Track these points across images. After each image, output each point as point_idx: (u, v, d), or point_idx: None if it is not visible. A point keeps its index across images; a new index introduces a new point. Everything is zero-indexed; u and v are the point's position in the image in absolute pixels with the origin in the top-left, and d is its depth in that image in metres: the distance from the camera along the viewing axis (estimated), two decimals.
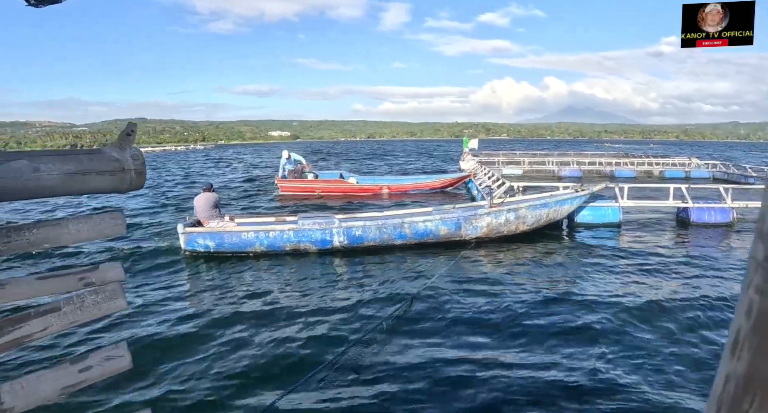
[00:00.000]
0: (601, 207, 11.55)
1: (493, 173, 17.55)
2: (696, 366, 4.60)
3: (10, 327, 1.39)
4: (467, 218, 9.53)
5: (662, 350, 4.93)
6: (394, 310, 5.83)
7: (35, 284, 1.48)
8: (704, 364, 4.62)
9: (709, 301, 6.36)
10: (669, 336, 5.26)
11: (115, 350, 1.60)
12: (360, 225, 9.14)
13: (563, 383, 4.29)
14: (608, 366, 4.59)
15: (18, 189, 1.42)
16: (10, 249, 1.43)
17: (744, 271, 0.40)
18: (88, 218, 1.58)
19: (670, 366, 4.59)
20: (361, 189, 17.96)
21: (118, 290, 1.60)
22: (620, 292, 6.68)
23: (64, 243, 1.54)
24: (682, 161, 28.74)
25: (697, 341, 5.14)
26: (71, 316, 1.50)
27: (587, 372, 4.46)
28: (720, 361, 0.42)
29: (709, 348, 4.95)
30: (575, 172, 25.40)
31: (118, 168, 1.63)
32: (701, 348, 4.97)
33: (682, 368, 4.56)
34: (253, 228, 8.93)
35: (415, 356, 4.75)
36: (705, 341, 5.13)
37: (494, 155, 33.12)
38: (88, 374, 1.53)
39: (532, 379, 4.35)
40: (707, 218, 11.57)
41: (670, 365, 4.60)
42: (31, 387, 1.42)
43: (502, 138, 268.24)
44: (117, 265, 1.63)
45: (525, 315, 5.80)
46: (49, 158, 1.51)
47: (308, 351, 4.88)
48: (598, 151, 39.91)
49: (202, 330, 5.52)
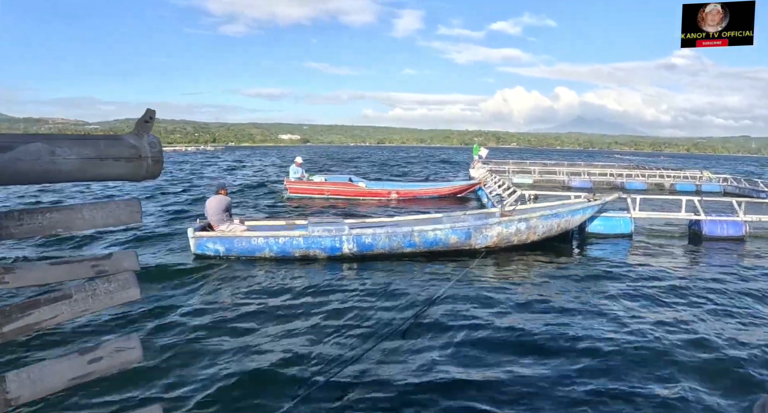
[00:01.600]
0: (613, 217, 11.44)
1: (504, 181, 17.46)
2: (712, 378, 4.50)
3: (19, 314, 1.34)
4: (477, 227, 9.45)
5: (674, 363, 4.83)
6: (401, 322, 5.75)
7: (47, 269, 1.43)
8: (721, 376, 4.53)
9: (725, 313, 6.28)
10: (679, 348, 5.15)
11: (127, 341, 1.55)
12: (370, 232, 9.08)
13: (569, 399, 4.21)
14: (616, 380, 4.51)
15: (34, 172, 1.38)
16: (22, 233, 1.39)
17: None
18: (103, 204, 1.53)
19: (685, 377, 4.50)
20: (369, 193, 17.90)
21: (131, 279, 1.55)
22: (632, 306, 6.58)
23: (77, 229, 1.50)
24: (693, 174, 28.55)
25: (707, 353, 5.04)
26: (82, 304, 1.45)
27: (593, 388, 4.38)
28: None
29: (721, 357, 4.86)
30: (586, 183, 25.26)
31: (135, 154, 1.59)
32: (713, 358, 4.88)
33: (693, 381, 4.46)
34: (263, 234, 8.90)
35: (421, 369, 4.65)
36: (718, 351, 5.03)
37: (504, 164, 33.04)
38: (97, 365, 1.48)
39: (545, 395, 4.27)
40: (719, 231, 11.42)
41: (685, 376, 4.51)
42: (38, 376, 1.37)
43: (512, 147, 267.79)
44: (132, 254, 1.58)
45: (535, 330, 5.67)
46: (66, 142, 1.47)
47: (315, 360, 4.79)
48: (608, 162, 39.70)
49: (208, 333, 5.46)
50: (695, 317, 6.16)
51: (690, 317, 6.15)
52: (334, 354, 4.88)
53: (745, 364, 4.83)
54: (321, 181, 18.33)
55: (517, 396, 4.17)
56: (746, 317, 6.22)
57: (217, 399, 4.05)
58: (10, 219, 1.38)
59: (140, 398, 4.04)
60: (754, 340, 5.44)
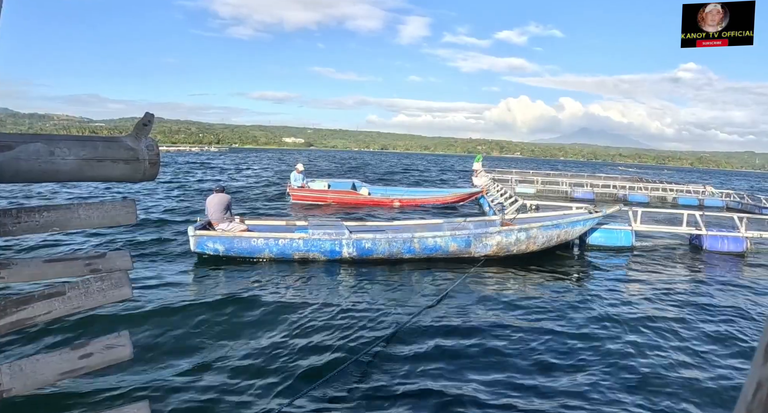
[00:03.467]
0: (614, 230, 11.44)
1: (506, 190, 17.47)
2: (709, 391, 4.51)
3: (13, 308, 1.38)
4: (477, 236, 9.46)
5: (668, 374, 4.84)
6: (396, 328, 5.75)
7: (42, 266, 1.47)
8: (719, 389, 4.54)
9: (721, 326, 6.30)
10: (675, 359, 5.16)
11: (117, 339, 1.59)
12: (370, 237, 9.10)
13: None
14: (614, 393, 4.52)
15: (33, 171, 1.42)
16: (19, 230, 1.43)
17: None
18: (99, 204, 1.57)
19: (681, 388, 4.51)
20: (372, 201, 17.96)
21: (124, 279, 1.59)
22: (630, 319, 6.58)
23: (73, 228, 1.54)
24: (696, 188, 28.54)
25: (705, 364, 5.05)
26: (75, 301, 1.49)
27: (592, 401, 4.39)
28: (750, 368, 0.40)
29: (719, 371, 4.87)
30: (588, 194, 25.28)
31: (132, 157, 1.63)
32: (710, 370, 4.88)
33: (692, 394, 4.47)
34: (263, 235, 8.94)
35: (415, 376, 4.67)
36: (713, 364, 5.04)
37: (507, 173, 33.08)
38: (88, 361, 1.51)
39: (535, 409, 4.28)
40: (720, 246, 11.43)
41: (681, 388, 4.52)
42: (30, 369, 1.40)
43: (516, 156, 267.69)
44: (125, 254, 1.62)
45: (531, 342, 5.70)
46: (65, 143, 1.51)
47: (306, 362, 4.82)
48: (612, 174, 39.69)
49: (198, 332, 5.49)
50: (690, 335, 6.17)
51: (686, 335, 6.16)
52: (321, 360, 4.89)
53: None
54: (324, 189, 18.37)
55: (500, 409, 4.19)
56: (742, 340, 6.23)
57: (204, 398, 4.06)
58: (8, 216, 1.43)
59: (129, 394, 4.07)
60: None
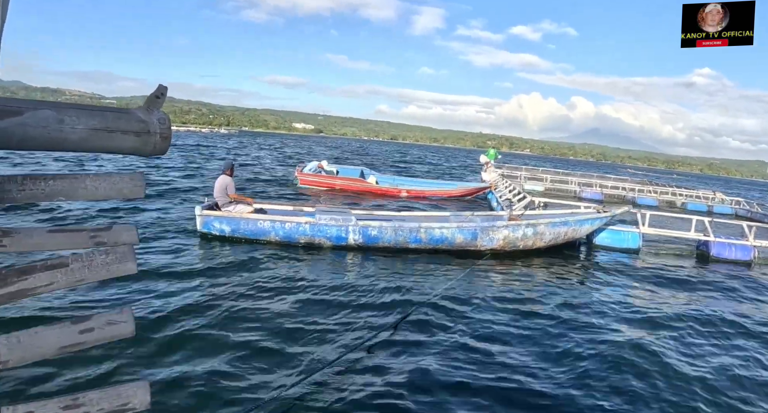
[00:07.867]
0: (622, 231, 11.36)
1: (514, 186, 17.38)
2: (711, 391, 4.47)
3: (15, 278, 1.34)
4: (484, 229, 9.41)
5: (664, 382, 4.79)
6: (399, 318, 5.72)
7: (45, 236, 1.43)
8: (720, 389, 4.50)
9: (723, 335, 6.28)
10: (675, 359, 5.11)
11: (119, 315, 1.55)
12: (376, 225, 9.07)
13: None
14: (607, 396, 4.48)
15: (41, 139, 1.38)
16: (24, 198, 1.39)
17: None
18: (107, 175, 1.53)
19: (681, 388, 4.47)
20: (379, 190, 17.96)
21: (129, 253, 1.54)
22: (631, 322, 6.53)
23: (79, 198, 1.50)
24: (705, 194, 28.32)
25: (710, 370, 5.00)
26: (78, 274, 1.45)
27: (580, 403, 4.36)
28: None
29: (722, 375, 4.82)
30: (596, 195, 25.14)
31: (143, 129, 1.58)
32: (714, 375, 4.84)
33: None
34: (270, 218, 8.92)
35: (413, 367, 4.63)
36: (717, 371, 4.99)
37: (517, 170, 32.93)
38: (88, 336, 1.48)
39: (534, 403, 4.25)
40: (727, 254, 11.32)
41: (681, 387, 4.48)
42: (29, 342, 1.37)
43: (525, 153, 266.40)
44: (131, 228, 1.57)
45: (532, 336, 5.67)
46: (75, 111, 1.46)
47: (306, 349, 4.80)
48: (621, 176, 39.43)
49: (200, 314, 5.44)
50: (691, 341, 6.12)
51: (687, 338, 6.11)
52: (322, 349, 4.85)
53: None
54: (332, 175, 18.40)
55: (497, 401, 4.16)
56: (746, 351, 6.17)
57: (201, 383, 4.03)
58: (13, 183, 1.38)
59: (128, 372, 4.06)
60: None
